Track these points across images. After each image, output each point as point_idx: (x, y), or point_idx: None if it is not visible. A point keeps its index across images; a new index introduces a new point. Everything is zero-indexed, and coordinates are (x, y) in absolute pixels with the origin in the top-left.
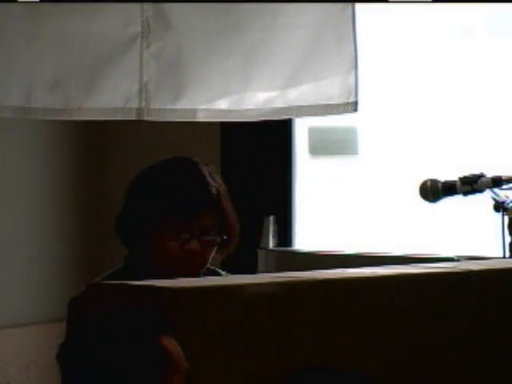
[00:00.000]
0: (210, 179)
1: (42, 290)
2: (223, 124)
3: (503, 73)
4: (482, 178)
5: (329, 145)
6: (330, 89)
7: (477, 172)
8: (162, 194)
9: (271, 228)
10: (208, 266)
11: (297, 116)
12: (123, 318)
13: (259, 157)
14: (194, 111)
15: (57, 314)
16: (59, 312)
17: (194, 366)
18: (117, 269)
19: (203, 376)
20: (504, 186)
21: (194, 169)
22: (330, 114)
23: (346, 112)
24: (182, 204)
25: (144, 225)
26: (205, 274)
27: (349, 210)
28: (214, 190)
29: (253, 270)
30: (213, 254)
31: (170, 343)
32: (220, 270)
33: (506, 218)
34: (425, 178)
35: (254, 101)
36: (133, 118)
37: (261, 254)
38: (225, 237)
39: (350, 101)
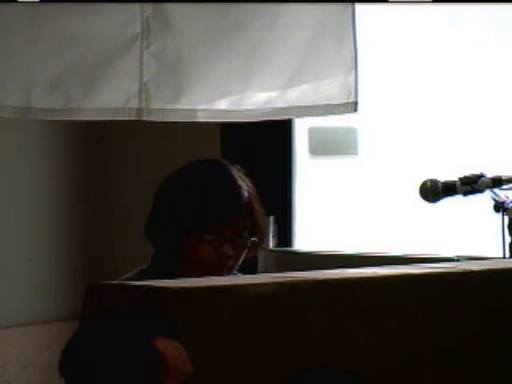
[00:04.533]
0: (240, 182)
1: (42, 290)
2: (223, 124)
3: (503, 73)
4: (482, 178)
5: (329, 145)
6: (329, 89)
7: (477, 172)
8: (196, 197)
9: (271, 228)
10: None
11: (297, 116)
12: (123, 318)
13: (259, 157)
14: (194, 111)
15: (57, 313)
16: (59, 312)
17: (193, 367)
18: (142, 268)
19: (203, 376)
20: (504, 186)
21: (224, 172)
22: (330, 114)
23: (346, 112)
24: (215, 208)
25: (177, 227)
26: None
27: (349, 210)
28: (245, 194)
29: (253, 270)
30: (243, 256)
31: (166, 344)
32: (236, 272)
33: (506, 218)
34: (425, 178)
35: (254, 101)
36: (133, 119)
37: (261, 254)
38: (254, 239)
39: (350, 101)
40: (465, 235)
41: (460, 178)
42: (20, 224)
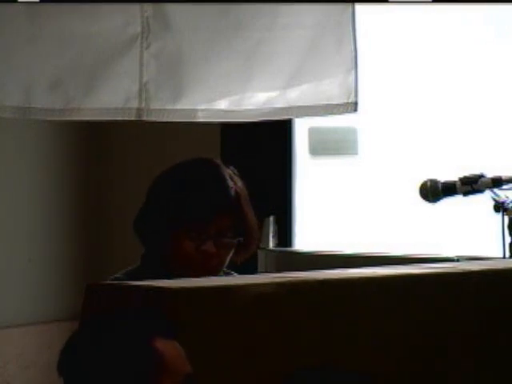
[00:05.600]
0: (229, 182)
1: (42, 290)
2: (223, 124)
3: (503, 73)
4: (482, 178)
5: (329, 145)
6: (329, 89)
7: (477, 172)
8: (181, 194)
9: (271, 228)
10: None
11: (297, 116)
12: (122, 318)
13: (259, 157)
14: (194, 111)
15: (57, 313)
16: (59, 312)
17: (193, 367)
18: (131, 268)
19: (203, 376)
20: (504, 186)
21: (214, 170)
22: (330, 114)
23: (346, 112)
24: (199, 205)
25: (163, 224)
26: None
27: (349, 210)
28: (232, 193)
29: (253, 270)
30: (229, 257)
31: (166, 345)
32: (233, 272)
33: (506, 218)
34: (425, 178)
35: (254, 101)
36: (133, 119)
37: (261, 254)
38: (241, 240)
39: (350, 101)
40: (465, 235)
41: (460, 178)
42: (20, 224)
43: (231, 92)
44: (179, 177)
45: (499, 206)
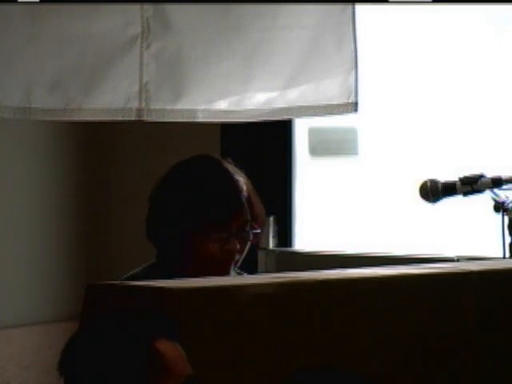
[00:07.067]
0: (237, 176)
1: (42, 290)
2: (223, 124)
3: (503, 73)
4: (482, 179)
5: (329, 145)
6: (330, 89)
7: (477, 172)
8: (197, 196)
9: (271, 228)
10: None
11: (297, 116)
12: (123, 319)
13: (259, 157)
14: (194, 112)
15: (57, 314)
16: (59, 312)
17: (193, 367)
18: (145, 266)
19: (203, 376)
20: (504, 187)
21: (219, 168)
22: (330, 114)
23: (346, 112)
24: (217, 206)
25: (182, 228)
26: None
27: (349, 210)
28: (244, 187)
29: (253, 270)
30: (247, 249)
31: (167, 346)
32: (244, 272)
33: (506, 219)
34: (425, 179)
35: (254, 101)
36: (133, 119)
37: (261, 254)
38: (258, 230)
39: (350, 101)
40: (465, 235)
41: (460, 178)
42: (20, 224)
43: (231, 92)
44: (188, 179)
45: (499, 206)
